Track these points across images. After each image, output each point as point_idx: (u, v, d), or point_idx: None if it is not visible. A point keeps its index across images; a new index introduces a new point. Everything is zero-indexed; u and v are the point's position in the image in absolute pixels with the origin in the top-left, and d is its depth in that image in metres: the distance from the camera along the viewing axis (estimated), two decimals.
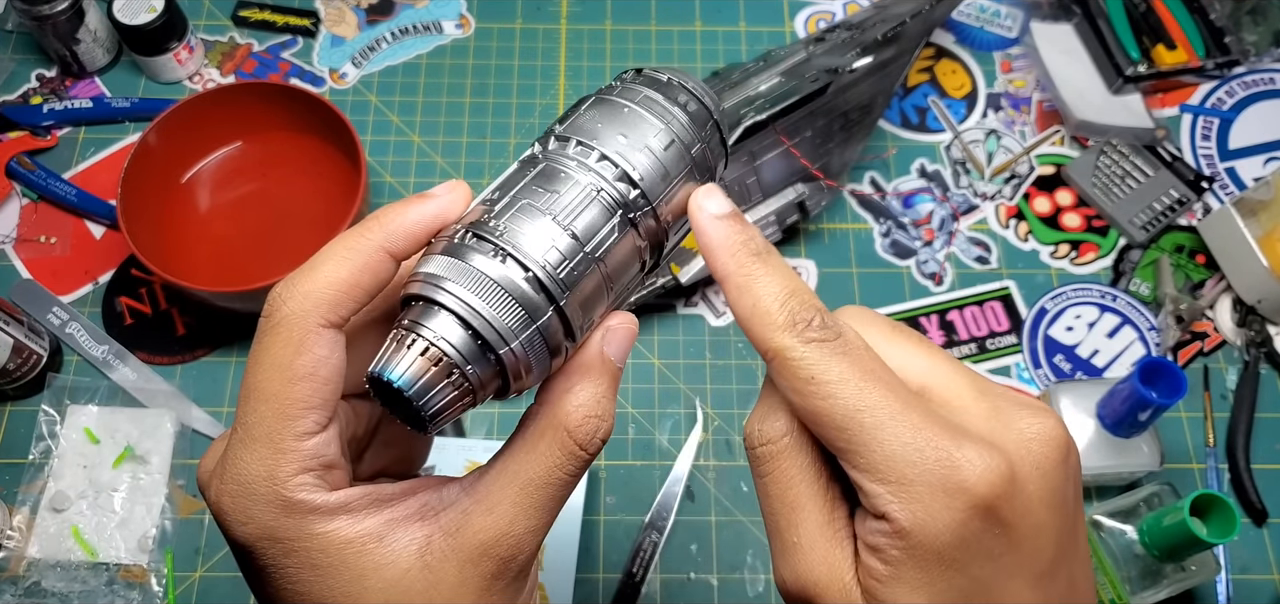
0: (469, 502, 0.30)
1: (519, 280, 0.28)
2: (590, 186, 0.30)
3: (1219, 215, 0.80)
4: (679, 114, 0.32)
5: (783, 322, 0.29)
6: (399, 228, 0.30)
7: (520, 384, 0.29)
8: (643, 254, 0.32)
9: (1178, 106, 0.90)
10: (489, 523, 0.29)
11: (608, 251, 0.30)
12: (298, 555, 0.29)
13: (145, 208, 0.76)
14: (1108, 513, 0.67)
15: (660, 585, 0.70)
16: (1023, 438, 0.28)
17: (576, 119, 0.32)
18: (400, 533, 0.29)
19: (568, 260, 0.29)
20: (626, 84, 0.33)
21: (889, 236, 0.84)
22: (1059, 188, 0.86)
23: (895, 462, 0.27)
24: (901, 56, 0.80)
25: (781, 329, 0.29)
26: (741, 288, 0.30)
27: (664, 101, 0.33)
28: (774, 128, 0.73)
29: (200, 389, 0.76)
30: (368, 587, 0.29)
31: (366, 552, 0.29)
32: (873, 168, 0.87)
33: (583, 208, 0.30)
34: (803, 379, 0.28)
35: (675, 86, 0.33)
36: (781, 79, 0.77)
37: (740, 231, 0.30)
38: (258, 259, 0.79)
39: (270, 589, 0.29)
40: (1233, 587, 0.70)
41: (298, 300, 0.29)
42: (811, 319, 0.29)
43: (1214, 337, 0.79)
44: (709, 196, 0.31)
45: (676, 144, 0.32)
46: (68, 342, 0.78)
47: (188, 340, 0.78)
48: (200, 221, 0.81)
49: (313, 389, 0.29)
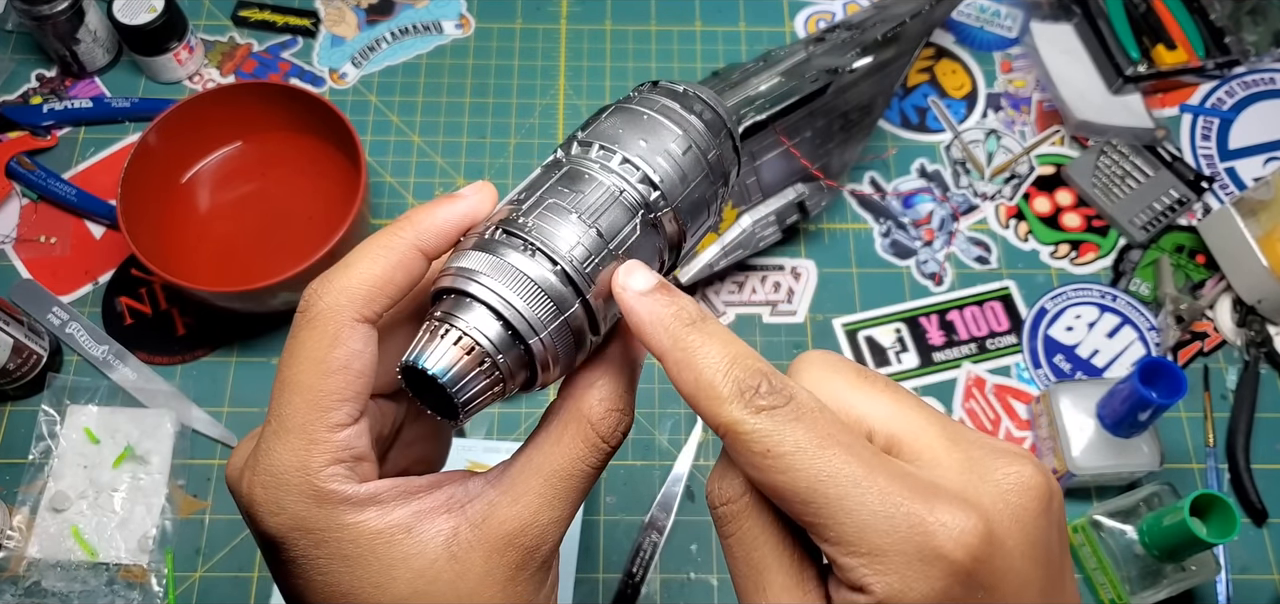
0: (495, 493, 0.30)
1: (548, 274, 0.29)
2: (613, 188, 0.31)
3: (1219, 215, 0.80)
4: (696, 122, 0.34)
5: (728, 392, 0.27)
6: (430, 227, 0.31)
7: (547, 376, 0.30)
8: (662, 254, 0.33)
9: (1178, 106, 0.90)
10: (514, 513, 0.30)
11: (630, 249, 0.31)
12: (328, 546, 0.29)
13: (145, 208, 0.76)
14: (1108, 513, 0.67)
15: (660, 585, 0.70)
16: (1000, 490, 0.26)
17: (598, 126, 0.34)
18: (428, 524, 0.30)
19: (593, 256, 0.30)
20: (644, 94, 0.35)
21: (889, 236, 0.84)
22: (1059, 188, 0.86)
23: (866, 532, 0.25)
24: (901, 56, 0.80)
25: (728, 401, 0.27)
26: (680, 363, 0.28)
27: (681, 110, 0.34)
28: (774, 128, 0.73)
29: (200, 389, 0.76)
30: (396, 577, 0.29)
31: (395, 543, 0.29)
32: (873, 168, 0.87)
33: (606, 208, 0.31)
34: (758, 453, 0.26)
35: (691, 97, 0.35)
36: (781, 79, 0.77)
37: (669, 304, 0.29)
38: (258, 259, 0.79)
39: (299, 582, 0.30)
40: (1233, 587, 0.70)
41: (334, 295, 0.30)
42: (758, 385, 0.27)
43: (1214, 337, 0.79)
44: (630, 273, 0.30)
45: (694, 149, 0.33)
46: (68, 342, 0.78)
47: (188, 340, 0.78)
48: (200, 221, 0.81)
49: (346, 382, 0.29)
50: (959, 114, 0.90)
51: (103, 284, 0.81)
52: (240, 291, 0.71)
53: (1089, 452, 0.69)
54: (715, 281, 0.81)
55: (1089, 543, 0.68)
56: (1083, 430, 0.70)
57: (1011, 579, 0.25)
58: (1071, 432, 0.70)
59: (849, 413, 0.28)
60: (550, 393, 0.77)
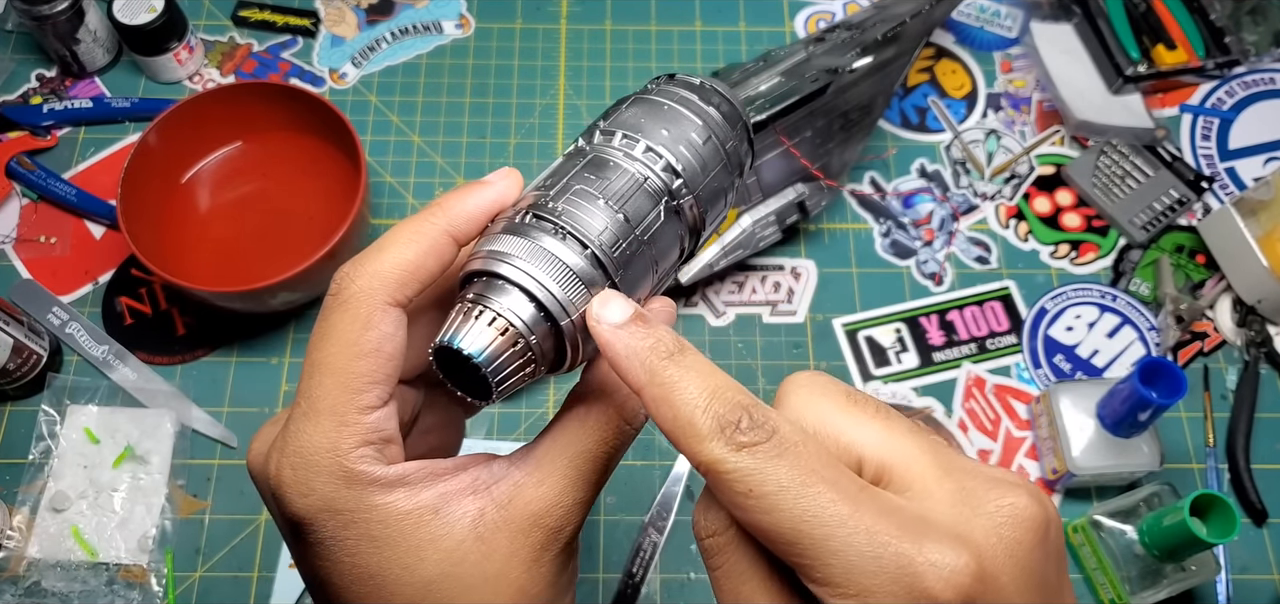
0: (520, 475, 0.31)
1: (579, 256, 0.30)
2: (638, 175, 0.32)
3: (1219, 215, 0.80)
4: (713, 113, 0.35)
5: (708, 429, 0.26)
6: (461, 212, 0.32)
7: (575, 358, 0.31)
8: (682, 240, 0.34)
9: (1177, 107, 0.90)
10: (540, 494, 0.30)
11: (654, 235, 0.32)
12: (356, 527, 0.29)
13: (145, 208, 0.77)
14: (1108, 513, 0.67)
15: (660, 585, 0.70)
16: (993, 523, 0.25)
17: (619, 115, 0.34)
18: (454, 506, 0.30)
19: (621, 240, 0.31)
20: (662, 86, 0.36)
21: (889, 236, 0.84)
22: (1059, 188, 0.86)
23: (853, 573, 0.24)
24: (902, 56, 0.80)
25: (708, 439, 0.26)
26: (658, 399, 0.27)
27: (699, 102, 0.35)
28: (774, 128, 0.73)
29: (200, 389, 0.76)
30: (424, 558, 0.29)
31: (423, 524, 0.29)
32: (873, 168, 0.87)
33: (631, 194, 0.32)
34: (741, 494, 0.25)
35: (708, 89, 0.36)
36: (781, 79, 0.77)
37: (646, 336, 0.28)
38: (258, 259, 0.79)
39: (325, 564, 0.30)
40: (1233, 587, 0.70)
41: (365, 278, 0.30)
42: (739, 420, 0.26)
43: (1214, 336, 0.79)
44: (605, 305, 0.29)
45: (713, 139, 0.34)
46: (67, 342, 0.78)
47: (187, 340, 0.78)
48: (200, 221, 0.81)
49: (377, 364, 0.30)
50: (959, 114, 0.90)
51: (103, 284, 0.81)
52: (240, 291, 0.71)
53: (1089, 452, 0.69)
54: (715, 281, 0.81)
55: (1089, 543, 0.68)
56: (1083, 431, 0.70)
57: None
58: (1071, 432, 0.70)
59: (837, 440, 0.27)
60: (550, 392, 0.77)
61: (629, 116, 0.34)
